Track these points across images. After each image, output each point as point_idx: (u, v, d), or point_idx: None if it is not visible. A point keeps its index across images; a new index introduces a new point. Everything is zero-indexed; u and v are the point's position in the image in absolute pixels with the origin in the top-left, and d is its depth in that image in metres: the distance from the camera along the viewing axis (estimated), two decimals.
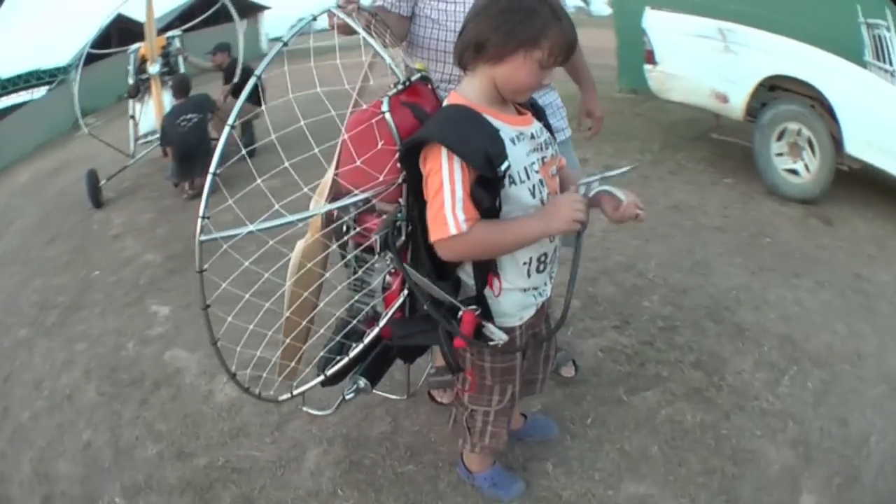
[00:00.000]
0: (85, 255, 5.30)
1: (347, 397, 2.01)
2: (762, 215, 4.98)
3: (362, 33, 1.72)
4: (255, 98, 7.26)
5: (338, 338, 1.95)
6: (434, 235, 1.55)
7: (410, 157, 1.60)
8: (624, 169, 1.66)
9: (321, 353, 1.99)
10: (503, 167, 1.51)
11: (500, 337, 1.68)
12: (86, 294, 4.43)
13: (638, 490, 2.24)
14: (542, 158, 1.68)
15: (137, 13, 8.12)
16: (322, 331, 2.01)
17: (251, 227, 1.61)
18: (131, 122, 7.38)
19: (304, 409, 2.31)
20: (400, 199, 1.70)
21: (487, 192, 1.52)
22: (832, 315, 3.45)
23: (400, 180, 1.67)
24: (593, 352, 2.98)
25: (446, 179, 1.51)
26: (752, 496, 2.24)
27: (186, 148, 6.16)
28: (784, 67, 5.46)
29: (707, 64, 5.72)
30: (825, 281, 3.83)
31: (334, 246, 1.92)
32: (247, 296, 1.79)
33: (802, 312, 3.46)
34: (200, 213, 1.56)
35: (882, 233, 4.95)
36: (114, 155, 7.15)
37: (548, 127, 1.76)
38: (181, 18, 8.11)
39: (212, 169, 1.57)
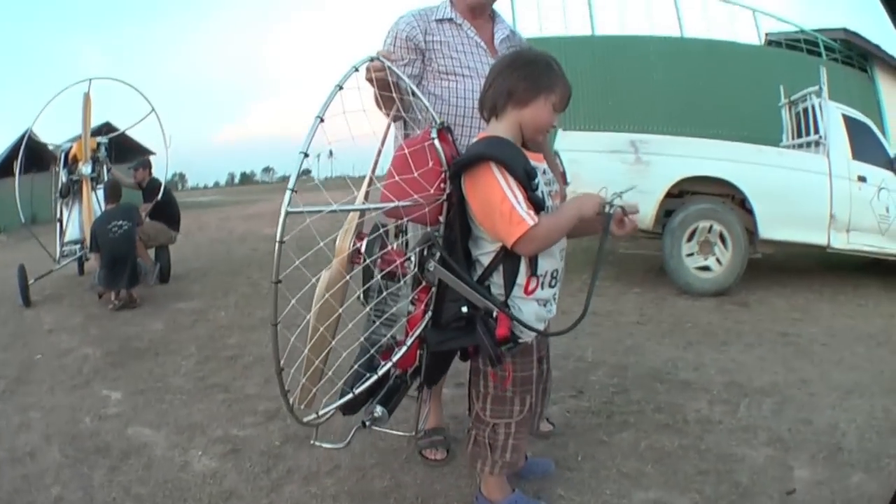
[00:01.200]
0: (23, 341, 5.18)
1: (367, 423, 2.11)
2: (678, 310, 5.42)
3: (404, 78, 2.07)
4: (174, 221, 7.46)
5: (356, 366, 2.08)
6: (515, 233, 1.83)
7: (455, 176, 1.93)
8: (630, 188, 2.00)
9: (351, 370, 2.09)
10: (535, 182, 1.87)
11: (528, 334, 1.97)
12: (31, 372, 4.32)
13: (648, 496, 2.42)
14: (551, 190, 2.05)
15: (48, 135, 8.24)
16: (345, 354, 2.10)
17: (334, 207, 1.80)
18: (58, 225, 7.36)
19: (316, 443, 2.31)
20: (440, 217, 1.97)
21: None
22: (769, 363, 3.91)
23: (444, 197, 1.94)
24: (560, 414, 3.17)
25: (506, 189, 1.84)
26: (750, 479, 2.52)
27: (116, 255, 6.14)
28: (697, 168, 5.93)
29: (618, 178, 5.81)
30: (754, 343, 4.31)
31: (356, 271, 2.10)
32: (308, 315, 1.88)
33: (740, 366, 3.87)
34: (289, 186, 1.69)
35: (803, 302, 5.59)
36: (36, 262, 7.13)
37: None
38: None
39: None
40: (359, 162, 1.93)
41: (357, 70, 2.01)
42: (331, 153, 1.89)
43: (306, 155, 1.70)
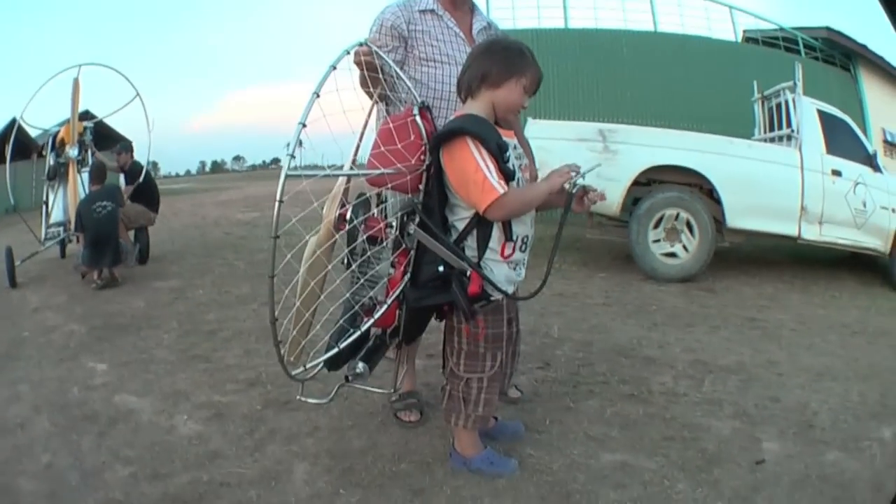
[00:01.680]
0: (10, 321, 5.22)
1: (351, 379, 2.27)
2: (644, 294, 5.58)
3: (388, 61, 2.32)
4: (153, 203, 7.56)
5: (341, 321, 2.23)
6: (486, 200, 2.03)
7: (434, 149, 2.12)
8: (594, 165, 2.18)
9: (336, 326, 2.23)
10: (507, 155, 2.06)
11: (498, 293, 2.14)
12: (19, 348, 4.38)
13: (615, 458, 2.56)
14: (521, 164, 2.25)
15: (37, 121, 8.29)
16: (332, 308, 2.23)
17: (327, 172, 1.98)
18: (44, 207, 7.45)
19: (302, 398, 2.39)
20: (420, 186, 2.16)
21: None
22: (735, 344, 4.06)
23: (424, 167, 2.12)
24: (528, 383, 3.31)
25: (480, 160, 2.04)
26: (717, 447, 2.65)
27: (100, 234, 6.23)
28: (664, 157, 6.08)
29: (584, 166, 6.13)
30: (720, 326, 4.48)
31: (339, 237, 2.25)
32: (301, 271, 1.99)
33: (705, 346, 4.04)
34: (289, 152, 1.81)
35: (772, 291, 5.78)
36: (19, 246, 7.16)
37: None
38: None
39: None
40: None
41: (348, 53, 2.18)
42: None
43: (304, 125, 1.82)
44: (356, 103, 2.33)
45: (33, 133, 10.92)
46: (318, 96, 1.89)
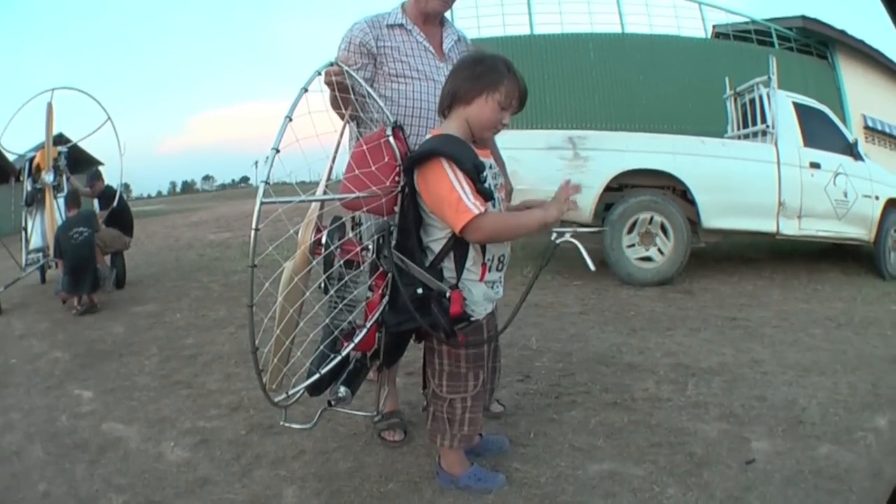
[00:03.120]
0: None
1: (333, 403, 2.28)
2: (620, 299, 5.58)
3: (361, 82, 2.30)
4: (128, 227, 7.58)
5: (321, 347, 2.25)
6: (461, 221, 2.00)
7: (408, 171, 2.11)
8: (595, 229, 2.21)
9: (317, 352, 2.25)
10: (483, 175, 2.05)
11: (480, 312, 2.19)
12: (8, 376, 4.37)
13: (602, 467, 2.56)
14: (497, 184, 2.24)
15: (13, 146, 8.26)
16: (312, 335, 2.28)
17: (303, 197, 2.01)
18: (23, 233, 7.48)
19: (285, 423, 2.43)
20: (395, 209, 2.15)
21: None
22: (716, 345, 4.07)
23: (398, 189, 2.12)
24: (509, 397, 3.30)
25: (454, 181, 2.01)
26: (705, 450, 2.65)
27: (78, 260, 6.26)
28: (635, 162, 6.06)
29: (555, 174, 5.63)
30: (699, 328, 4.49)
31: (315, 262, 2.25)
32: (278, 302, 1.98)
33: (686, 349, 4.04)
34: (264, 178, 1.81)
35: (752, 288, 5.80)
36: (6, 270, 7.30)
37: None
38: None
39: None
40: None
41: (319, 74, 2.19)
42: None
43: (278, 151, 1.82)
44: (329, 125, 2.32)
45: (10, 157, 10.89)
46: (290, 120, 1.90)
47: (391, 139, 2.13)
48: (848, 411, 3.02)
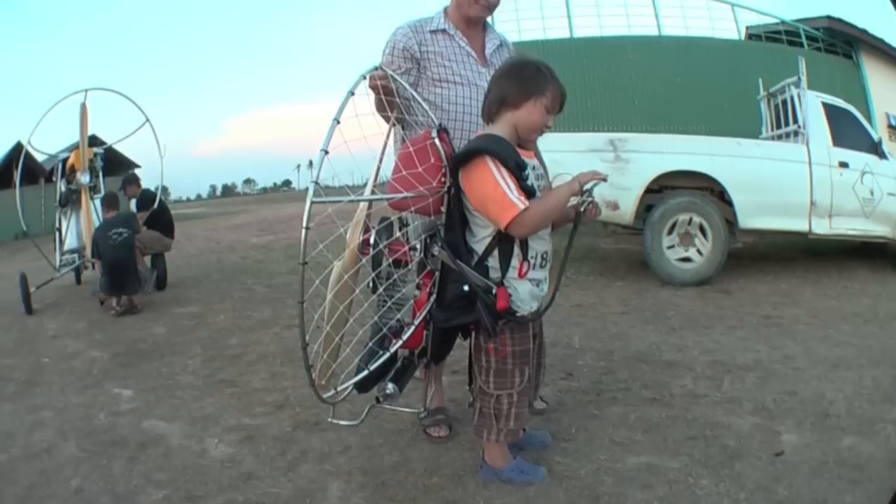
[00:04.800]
0: (29, 346, 5.31)
1: (382, 400, 2.35)
2: (660, 299, 5.63)
3: (406, 86, 2.38)
4: (168, 229, 7.62)
5: (370, 344, 2.32)
6: (507, 216, 2.07)
7: (454, 171, 2.18)
8: (602, 177, 2.19)
9: (365, 350, 2.31)
10: (525, 174, 2.12)
11: (525, 307, 2.23)
12: (39, 375, 4.43)
13: (640, 460, 2.61)
14: (541, 185, 2.30)
15: (43, 146, 8.32)
16: (360, 332, 2.34)
17: (352, 197, 2.07)
18: (57, 234, 7.52)
19: (333, 420, 2.48)
20: (442, 208, 2.21)
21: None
22: (751, 342, 4.12)
23: (445, 189, 2.18)
24: (552, 394, 3.35)
25: (499, 178, 2.09)
26: (738, 443, 2.71)
27: (117, 262, 6.31)
28: (674, 163, 6.11)
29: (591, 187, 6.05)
30: (736, 325, 4.54)
31: (364, 261, 2.31)
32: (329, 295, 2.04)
33: (722, 346, 4.09)
34: (313, 178, 1.88)
35: (786, 287, 5.84)
36: (32, 272, 7.21)
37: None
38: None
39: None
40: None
41: (365, 78, 2.26)
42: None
43: (326, 152, 1.87)
44: (375, 128, 2.39)
45: (40, 158, 11.02)
46: (338, 122, 1.95)
47: (437, 141, 2.19)
48: (871, 403, 3.08)
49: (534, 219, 2.12)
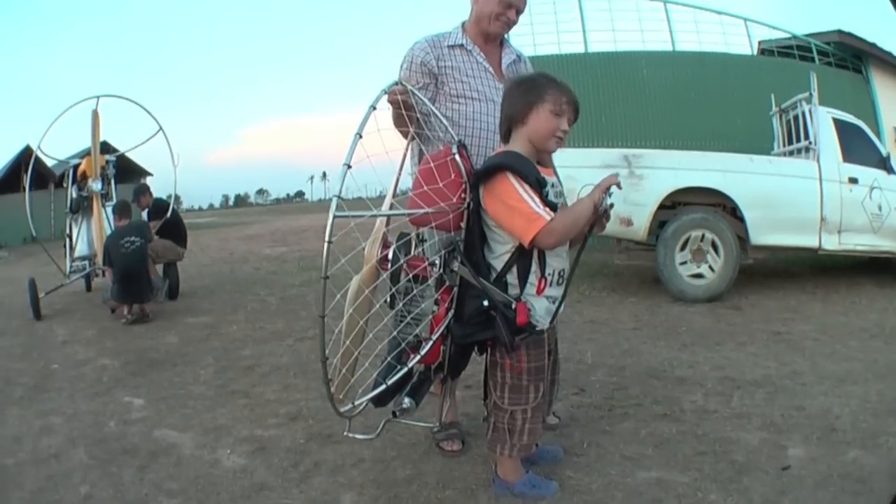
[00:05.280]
0: (38, 351, 5.35)
1: (398, 414, 2.37)
2: (672, 315, 5.64)
3: (426, 102, 2.40)
4: (181, 239, 7.65)
5: (388, 359, 2.33)
6: (533, 229, 2.10)
7: (474, 187, 2.22)
8: (617, 181, 2.21)
9: (384, 363, 2.33)
10: (545, 191, 2.15)
11: (543, 323, 2.26)
12: (48, 381, 4.46)
13: (650, 475, 2.63)
14: (559, 202, 2.31)
15: (52, 151, 8.36)
16: (379, 348, 2.35)
17: (374, 212, 2.11)
18: (67, 240, 7.55)
19: (349, 434, 2.48)
20: (462, 224, 2.24)
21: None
22: (761, 358, 4.14)
23: (465, 206, 2.21)
24: (564, 409, 3.35)
25: (523, 192, 2.13)
26: (746, 458, 2.73)
27: (129, 270, 6.32)
28: (687, 180, 6.13)
29: (612, 192, 6.04)
30: (746, 342, 4.55)
31: (384, 276, 2.33)
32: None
33: (732, 363, 4.10)
34: (336, 192, 1.90)
35: (795, 303, 5.85)
36: (40, 277, 7.31)
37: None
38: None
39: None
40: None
41: (386, 93, 2.27)
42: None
43: (349, 167, 1.90)
44: (395, 141, 2.43)
45: (49, 163, 11.05)
46: (360, 137, 1.98)
47: (457, 157, 2.22)
48: (875, 417, 3.12)
49: (561, 229, 2.14)
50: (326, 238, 1.87)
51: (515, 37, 9.85)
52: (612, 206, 2.21)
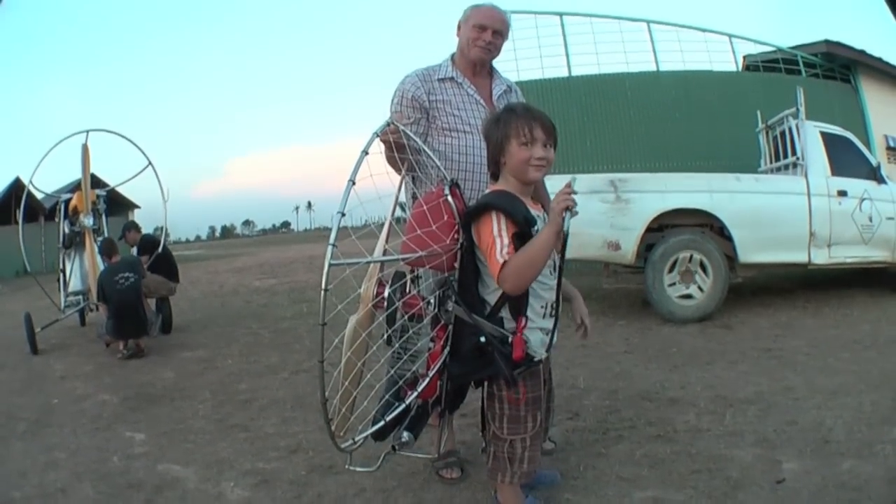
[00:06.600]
0: (37, 386, 5.38)
1: (397, 448, 2.42)
2: (663, 337, 5.72)
3: (418, 141, 2.46)
4: (172, 273, 7.67)
5: (386, 396, 2.38)
6: (494, 271, 2.11)
7: (465, 226, 2.26)
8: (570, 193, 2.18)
9: (382, 401, 2.37)
10: (535, 229, 2.18)
11: (540, 354, 2.31)
12: (50, 416, 4.48)
13: (646, 494, 2.70)
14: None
15: (41, 184, 8.38)
16: (378, 386, 2.40)
17: (370, 259, 2.16)
18: (61, 275, 7.59)
19: (350, 467, 2.53)
20: (455, 264, 2.29)
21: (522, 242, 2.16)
22: (752, 376, 4.22)
23: (458, 246, 2.26)
24: (560, 434, 3.41)
25: (495, 232, 2.14)
26: (741, 474, 2.81)
27: (124, 305, 6.34)
28: (674, 202, 6.19)
29: (598, 217, 6.03)
30: (737, 360, 4.63)
31: (381, 318, 2.36)
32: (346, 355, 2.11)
33: (724, 381, 4.18)
34: (330, 241, 1.94)
35: (786, 319, 5.93)
36: (35, 311, 7.33)
37: None
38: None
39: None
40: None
41: (378, 136, 2.32)
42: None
43: (343, 214, 1.96)
44: (388, 186, 2.47)
45: (38, 196, 11.03)
46: (353, 183, 2.03)
47: (449, 198, 2.27)
48: (870, 427, 3.20)
49: (515, 272, 2.09)
50: (322, 286, 1.91)
51: (498, 62, 9.88)
52: (576, 213, 2.15)
